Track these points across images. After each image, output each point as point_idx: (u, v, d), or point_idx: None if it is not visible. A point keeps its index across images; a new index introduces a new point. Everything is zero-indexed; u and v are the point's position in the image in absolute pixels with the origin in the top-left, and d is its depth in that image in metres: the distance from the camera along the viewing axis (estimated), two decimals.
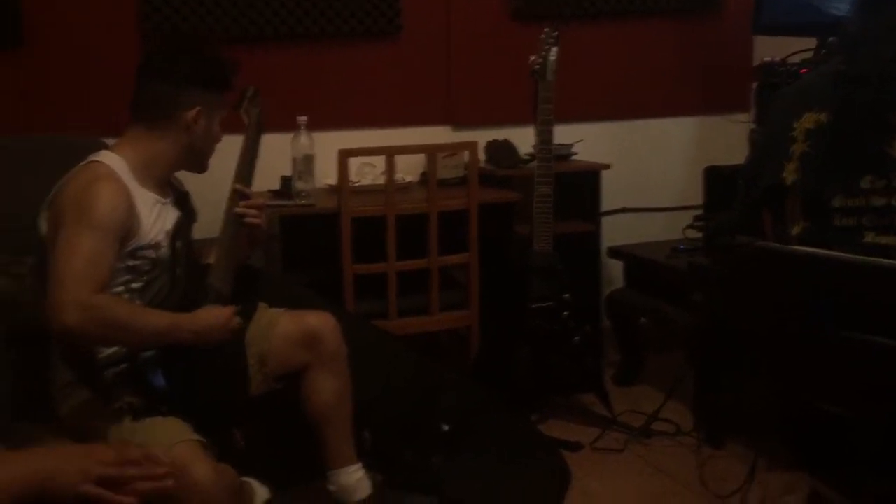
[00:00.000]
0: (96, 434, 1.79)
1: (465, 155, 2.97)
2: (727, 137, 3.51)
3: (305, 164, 2.86)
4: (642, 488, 2.44)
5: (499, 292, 2.87)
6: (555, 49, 2.75)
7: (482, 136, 3.18)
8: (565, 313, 2.80)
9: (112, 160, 1.92)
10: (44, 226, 1.88)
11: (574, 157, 3.31)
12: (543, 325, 2.78)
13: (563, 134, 3.07)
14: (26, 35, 2.79)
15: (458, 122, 3.36)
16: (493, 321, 2.87)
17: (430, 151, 2.82)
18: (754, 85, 3.19)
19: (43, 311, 1.83)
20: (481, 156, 3.08)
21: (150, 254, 1.93)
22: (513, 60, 3.18)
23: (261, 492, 2.04)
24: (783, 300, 1.65)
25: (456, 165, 3.10)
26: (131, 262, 1.90)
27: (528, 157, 3.20)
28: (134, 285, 1.92)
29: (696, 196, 3.22)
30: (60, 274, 1.71)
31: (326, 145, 2.90)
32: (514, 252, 2.91)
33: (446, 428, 2.46)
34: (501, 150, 3.21)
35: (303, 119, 2.85)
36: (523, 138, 3.21)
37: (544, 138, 2.77)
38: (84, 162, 1.92)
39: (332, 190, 2.98)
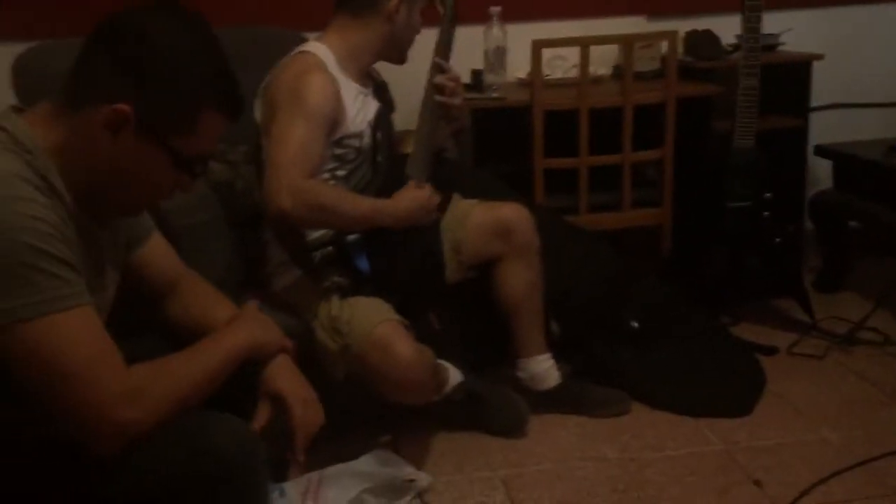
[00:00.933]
0: (307, 309, 1.92)
1: (663, 46, 2.83)
2: None
3: (497, 56, 2.83)
4: (843, 396, 2.33)
5: (694, 190, 2.77)
6: None
7: (679, 26, 2.99)
8: (765, 213, 2.66)
9: (319, 50, 1.98)
10: (258, 114, 1.98)
11: (782, 48, 3.07)
12: (741, 225, 2.66)
13: (771, 22, 2.85)
14: None
15: (654, 12, 3.19)
16: (687, 219, 2.78)
17: (627, 42, 2.71)
18: None
19: (257, 196, 1.97)
20: (679, 47, 2.92)
21: (355, 143, 2.00)
22: None
23: (455, 374, 2.12)
24: None
25: (652, 57, 2.97)
26: (337, 151, 1.98)
27: (730, 48, 3.02)
28: (339, 173, 2.01)
29: None
30: (276, 160, 1.81)
31: (517, 37, 2.85)
32: (712, 148, 2.77)
33: (636, 324, 2.44)
34: (702, 41, 3.03)
35: (496, 10, 2.81)
36: (726, 27, 3.01)
37: (751, 26, 2.58)
38: (294, 52, 2.00)
39: (522, 83, 2.94)
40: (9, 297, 1.04)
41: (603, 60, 3.02)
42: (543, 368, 2.24)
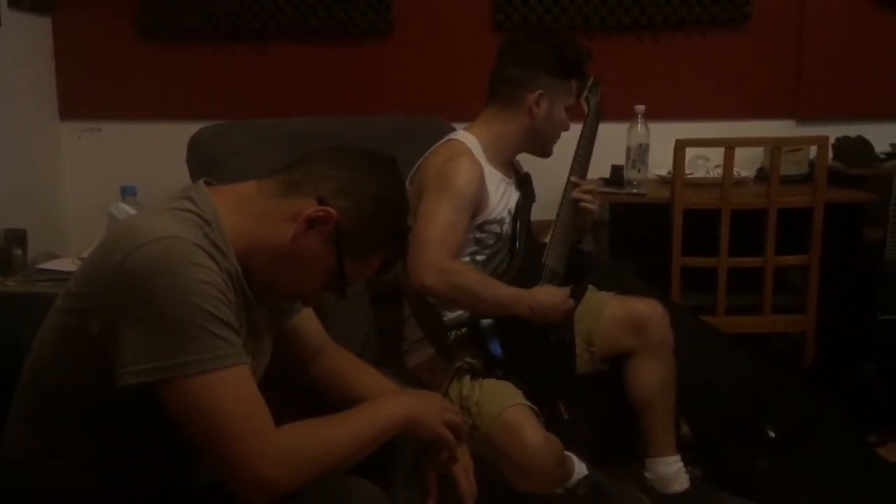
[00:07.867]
0: (438, 387, 1.95)
1: (811, 151, 2.79)
2: None
3: (640, 153, 2.85)
4: None
5: (841, 299, 2.66)
6: None
7: (828, 132, 2.92)
8: None
9: (467, 138, 2.07)
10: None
11: None
12: (893, 340, 2.52)
13: None
14: (396, 24, 3.09)
15: (803, 116, 3.15)
16: (832, 329, 2.66)
17: (774, 145, 2.68)
18: None
19: (399, 273, 2.04)
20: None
21: (495, 228, 2.05)
22: (872, 50, 3.00)
23: (580, 467, 2.07)
24: None
25: (798, 162, 2.92)
26: (478, 235, 2.04)
27: (884, 156, 2.93)
28: (478, 257, 2.06)
29: None
30: (421, 238, 1.88)
31: (660, 135, 2.87)
32: (862, 258, 2.67)
33: (773, 434, 2.33)
34: (853, 147, 2.96)
35: (640, 108, 2.85)
36: (878, 135, 2.94)
37: None
38: (443, 140, 2.10)
39: (661, 181, 2.94)
40: (176, 353, 1.13)
41: (745, 162, 2.99)
42: (672, 471, 2.17)
